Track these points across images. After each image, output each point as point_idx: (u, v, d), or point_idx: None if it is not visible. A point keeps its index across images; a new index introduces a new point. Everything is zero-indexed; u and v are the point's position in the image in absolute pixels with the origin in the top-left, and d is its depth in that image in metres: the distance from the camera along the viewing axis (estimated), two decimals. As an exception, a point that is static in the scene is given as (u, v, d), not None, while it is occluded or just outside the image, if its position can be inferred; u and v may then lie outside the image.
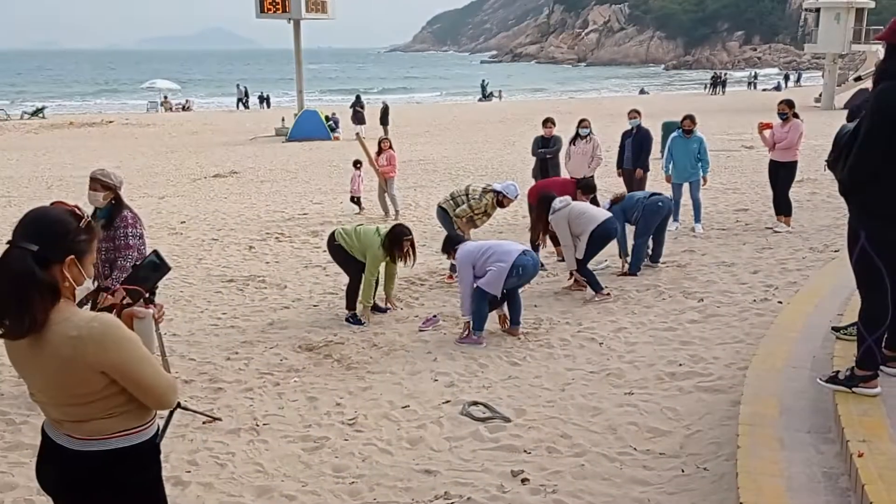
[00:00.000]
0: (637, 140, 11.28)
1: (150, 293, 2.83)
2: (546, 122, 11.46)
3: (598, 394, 5.44)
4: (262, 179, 18.48)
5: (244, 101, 50.96)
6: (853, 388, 4.21)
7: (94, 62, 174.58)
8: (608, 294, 7.82)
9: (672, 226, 10.16)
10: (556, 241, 9.20)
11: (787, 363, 5.02)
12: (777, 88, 54.52)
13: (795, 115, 10.30)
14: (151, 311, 2.64)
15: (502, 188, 8.61)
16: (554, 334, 6.81)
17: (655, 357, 6.07)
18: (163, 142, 29.27)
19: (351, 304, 7.42)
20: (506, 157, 20.84)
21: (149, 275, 2.88)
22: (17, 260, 2.21)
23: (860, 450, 3.62)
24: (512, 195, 8.62)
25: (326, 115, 30.14)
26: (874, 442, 3.70)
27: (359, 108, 29.10)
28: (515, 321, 6.87)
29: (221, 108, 52.14)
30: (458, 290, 7.15)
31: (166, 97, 51.39)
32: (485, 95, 58.13)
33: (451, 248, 7.11)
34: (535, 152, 11.48)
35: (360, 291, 7.34)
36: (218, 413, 5.34)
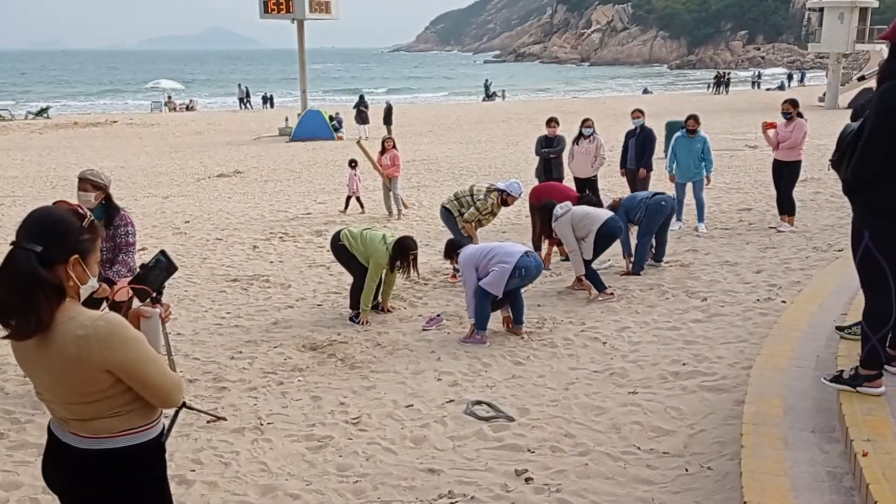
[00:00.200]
0: (640, 140, 11.28)
1: (157, 293, 2.83)
2: (550, 122, 11.47)
3: (602, 393, 5.45)
4: (266, 179, 18.50)
5: (246, 100, 51.00)
6: (857, 388, 4.21)
7: (97, 62, 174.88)
8: (612, 293, 7.82)
9: (675, 225, 10.16)
10: (559, 241, 9.22)
11: (790, 362, 5.02)
12: (781, 88, 54.45)
13: (799, 115, 10.29)
14: (158, 310, 2.65)
15: (506, 187, 8.65)
16: (557, 334, 6.81)
17: (659, 356, 6.07)
18: (167, 142, 29.33)
19: (354, 303, 7.42)
20: (509, 157, 20.84)
21: (156, 275, 2.88)
22: (22, 261, 2.21)
23: (864, 449, 3.62)
24: (516, 193, 8.67)
25: (330, 114, 30.18)
26: (878, 441, 3.70)
27: (363, 108, 29.13)
28: (518, 320, 6.88)
29: (225, 108, 52.20)
30: (461, 290, 7.16)
31: (170, 97, 51.48)
32: (488, 95, 58.16)
33: (453, 252, 7.13)
34: (538, 152, 11.48)
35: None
36: (222, 412, 5.35)
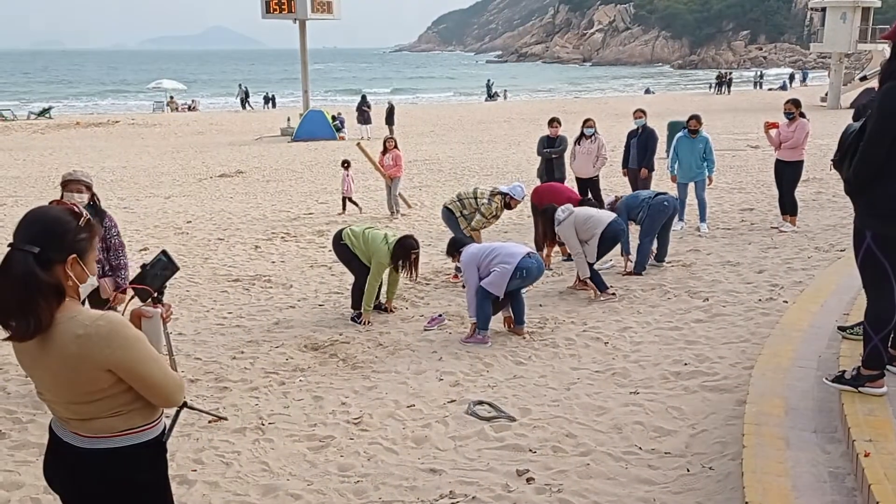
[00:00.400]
0: (642, 140, 11.28)
1: (159, 293, 2.84)
2: (552, 122, 11.47)
3: (604, 393, 5.44)
4: (268, 179, 18.51)
5: (245, 100, 51.05)
6: (859, 388, 4.21)
7: (98, 62, 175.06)
8: (613, 293, 7.82)
9: (677, 225, 10.15)
10: (560, 241, 9.22)
11: (792, 363, 5.01)
12: (783, 88, 54.39)
13: (801, 115, 10.28)
14: (159, 310, 2.65)
15: (509, 190, 8.66)
16: (559, 334, 6.81)
17: (661, 356, 6.07)
18: (169, 142, 29.35)
19: (356, 302, 7.43)
20: (511, 157, 20.83)
21: (157, 274, 2.89)
22: (19, 263, 2.21)
23: (866, 449, 3.61)
24: (519, 196, 8.68)
25: (332, 114, 30.19)
26: (880, 442, 3.70)
27: (365, 108, 29.14)
28: (520, 320, 6.87)
29: (227, 109, 52.22)
30: (463, 290, 7.16)
31: (172, 97, 51.49)
32: (490, 95, 58.22)
33: (455, 251, 7.13)
34: (540, 152, 11.49)
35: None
36: (223, 412, 5.36)
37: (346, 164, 13.79)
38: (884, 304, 4.11)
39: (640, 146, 11.28)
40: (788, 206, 10.51)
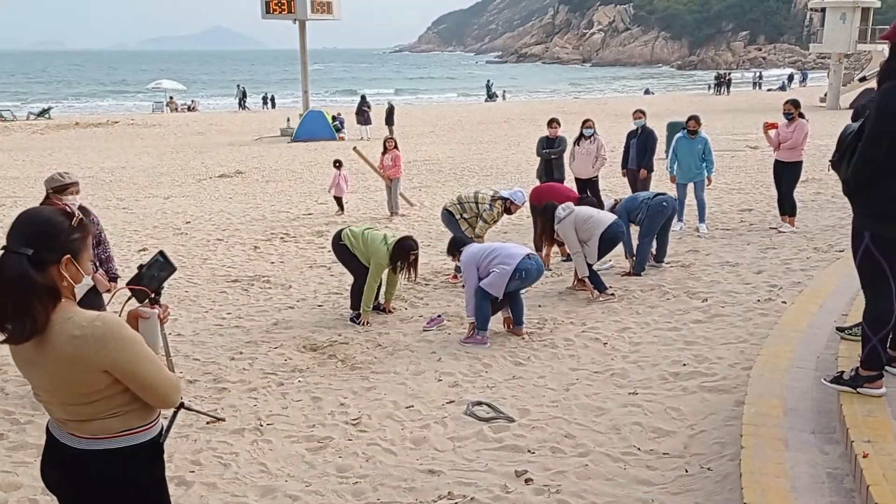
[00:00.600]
0: (642, 140, 11.29)
1: (156, 293, 2.83)
2: (551, 123, 11.47)
3: (603, 394, 5.44)
4: (268, 179, 18.51)
5: (242, 101, 51.09)
6: (858, 389, 4.21)
7: (98, 62, 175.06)
8: (612, 294, 7.82)
9: (676, 226, 10.15)
10: (560, 241, 9.21)
11: (791, 363, 5.01)
12: (782, 88, 54.39)
13: (801, 115, 10.29)
14: (156, 311, 2.64)
15: (510, 195, 8.65)
16: (558, 334, 6.80)
17: (660, 357, 6.06)
18: (168, 142, 29.35)
19: (355, 303, 7.42)
20: (511, 158, 20.83)
21: (154, 275, 2.88)
22: (13, 266, 2.20)
23: (865, 450, 3.61)
24: (520, 202, 8.69)
25: (332, 115, 30.19)
26: (879, 442, 3.70)
27: (365, 108, 29.14)
28: (519, 321, 6.87)
29: (227, 109, 52.24)
30: (462, 290, 7.16)
31: (172, 97, 51.49)
32: (489, 96, 58.27)
33: (456, 250, 7.13)
34: (539, 153, 11.49)
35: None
36: (222, 413, 5.35)
37: (338, 164, 13.77)
38: (882, 304, 4.11)
39: (640, 147, 11.29)
40: (787, 207, 10.51)
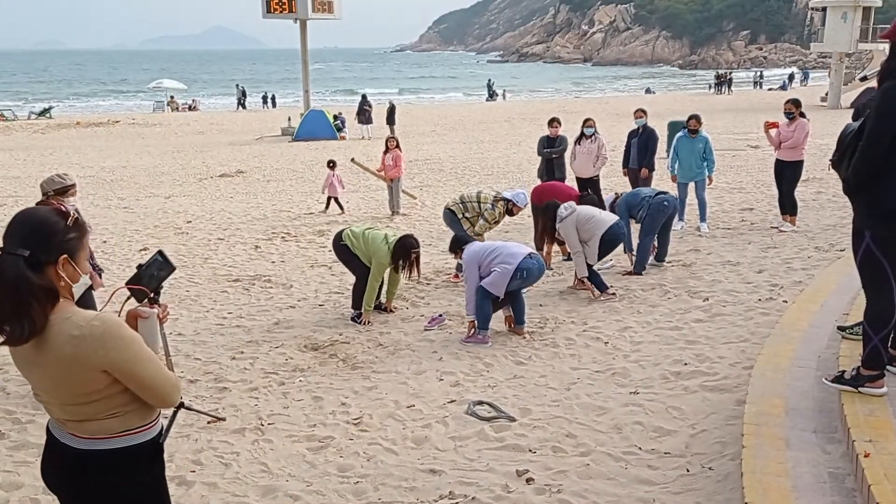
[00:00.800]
0: (643, 139, 11.29)
1: (155, 293, 2.83)
2: (552, 122, 11.47)
3: (604, 393, 5.44)
4: (269, 179, 18.51)
5: (241, 100, 51.09)
6: (859, 388, 4.20)
7: (99, 62, 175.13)
8: (613, 293, 7.81)
9: (677, 225, 10.15)
10: (561, 241, 9.20)
11: (792, 363, 5.01)
12: (783, 88, 54.36)
13: (802, 115, 10.28)
14: (156, 310, 2.64)
15: (512, 196, 8.66)
16: (559, 333, 6.80)
17: (661, 356, 6.06)
18: (169, 141, 29.35)
19: (356, 303, 7.42)
20: (512, 157, 20.83)
21: (153, 274, 2.87)
22: (10, 267, 2.19)
23: (866, 450, 3.60)
24: (522, 204, 8.70)
25: (333, 114, 30.19)
26: (880, 442, 3.69)
27: (366, 108, 29.14)
28: (520, 320, 6.87)
29: (227, 109, 52.25)
30: (464, 290, 7.15)
31: (173, 97, 51.50)
32: (490, 95, 58.31)
33: (458, 247, 7.13)
34: (540, 152, 11.49)
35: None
36: (223, 413, 5.35)
37: (331, 164, 13.78)
38: (883, 303, 4.10)
39: (641, 146, 11.28)
40: (788, 206, 10.51)
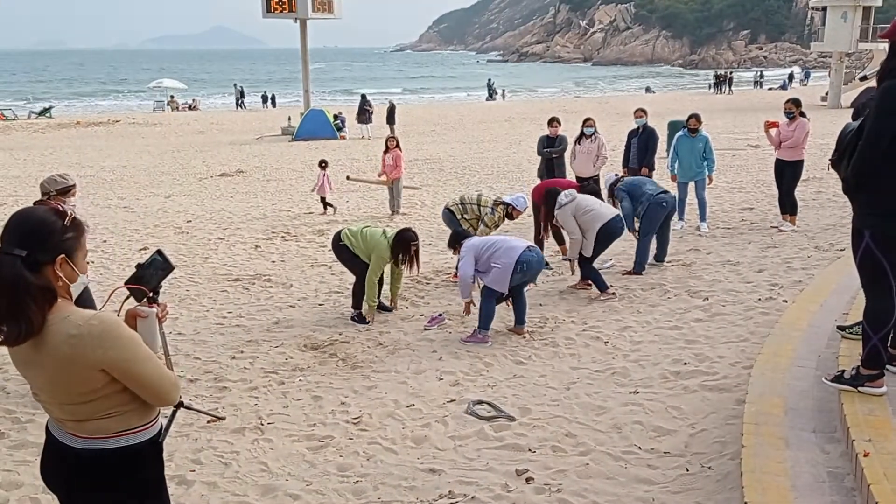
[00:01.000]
0: (643, 139, 11.28)
1: (154, 292, 2.82)
2: (551, 122, 11.47)
3: (603, 393, 5.44)
4: (269, 178, 18.51)
5: (240, 100, 51.03)
6: (859, 388, 4.20)
7: (100, 61, 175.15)
8: (613, 293, 7.81)
9: (677, 225, 10.14)
10: (560, 240, 9.21)
11: (792, 362, 5.01)
12: (783, 87, 54.36)
13: (802, 114, 10.27)
14: (155, 310, 2.64)
15: (512, 201, 8.67)
16: (559, 333, 6.80)
17: (660, 356, 6.06)
18: (169, 141, 29.36)
19: (356, 302, 7.42)
20: (512, 157, 20.83)
21: (152, 274, 2.87)
22: (7, 268, 2.19)
23: (866, 449, 3.60)
24: (522, 207, 8.71)
25: (334, 114, 30.20)
26: (880, 441, 3.69)
27: (367, 107, 29.14)
28: (520, 320, 6.87)
29: (228, 108, 52.27)
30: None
31: (173, 96, 51.50)
32: (490, 95, 58.34)
33: (457, 243, 7.13)
34: (540, 152, 11.49)
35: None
36: (223, 412, 5.35)
37: (323, 164, 13.77)
38: (883, 303, 4.10)
39: (641, 145, 11.28)
40: (788, 206, 10.50)
